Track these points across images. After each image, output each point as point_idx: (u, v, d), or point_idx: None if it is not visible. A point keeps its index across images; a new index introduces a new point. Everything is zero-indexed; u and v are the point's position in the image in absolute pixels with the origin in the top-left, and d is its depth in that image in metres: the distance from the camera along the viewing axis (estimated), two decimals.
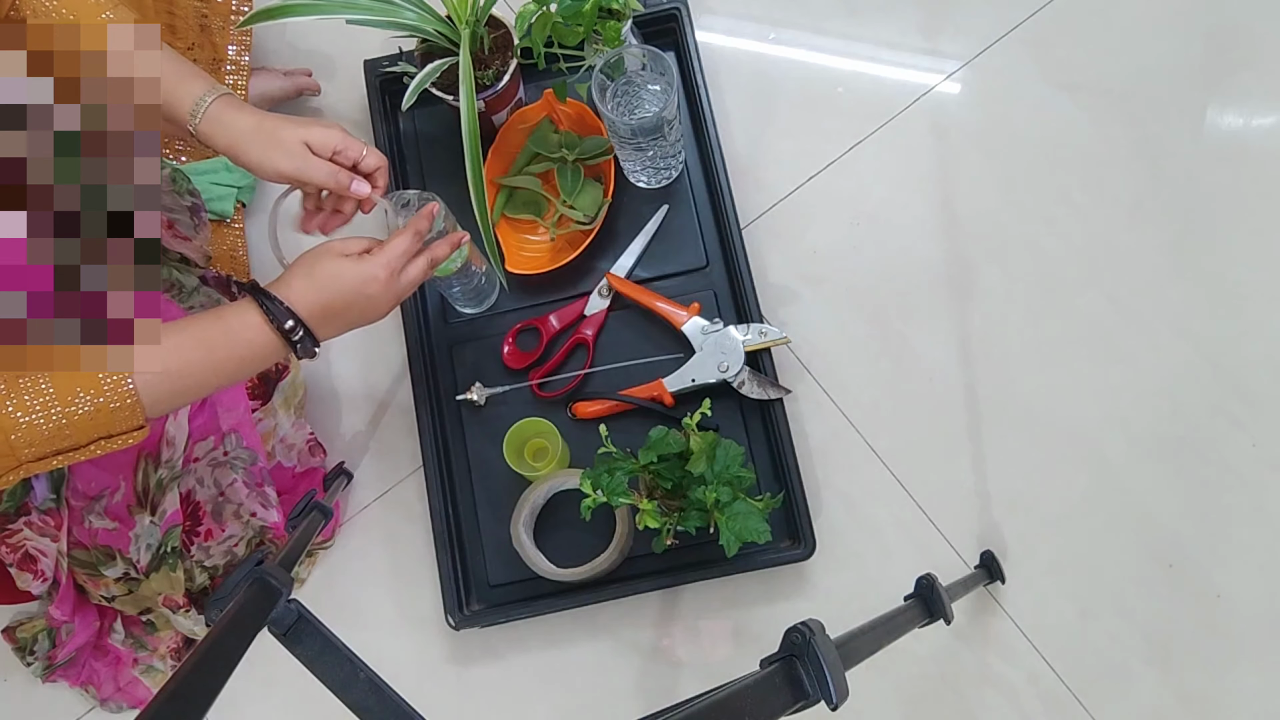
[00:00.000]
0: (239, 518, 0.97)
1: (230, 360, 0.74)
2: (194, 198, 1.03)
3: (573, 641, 1.02)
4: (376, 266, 0.79)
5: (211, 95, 0.81)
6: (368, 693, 0.59)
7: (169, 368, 0.70)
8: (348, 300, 0.78)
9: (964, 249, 1.08)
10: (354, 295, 0.78)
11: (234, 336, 0.73)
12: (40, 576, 0.89)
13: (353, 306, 0.78)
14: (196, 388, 0.73)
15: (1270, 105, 1.09)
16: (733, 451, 0.90)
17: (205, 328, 0.73)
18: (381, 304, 0.80)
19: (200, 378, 0.72)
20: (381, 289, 0.79)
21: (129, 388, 0.67)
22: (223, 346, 0.73)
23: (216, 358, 0.73)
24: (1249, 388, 1.01)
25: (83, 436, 0.67)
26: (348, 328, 0.80)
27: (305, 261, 0.78)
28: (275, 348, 0.75)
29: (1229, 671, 0.96)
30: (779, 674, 0.56)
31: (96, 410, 0.66)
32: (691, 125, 1.11)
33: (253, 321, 0.74)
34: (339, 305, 0.77)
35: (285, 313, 0.74)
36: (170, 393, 0.71)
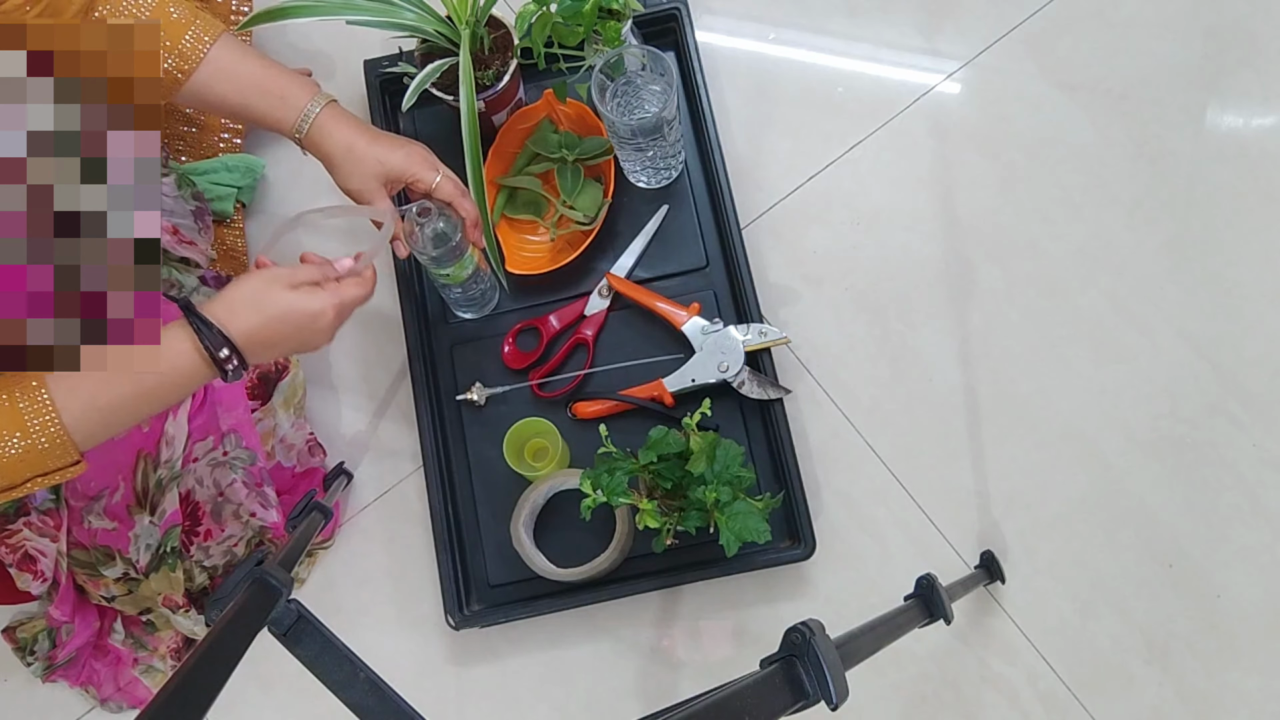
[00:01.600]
0: (238, 518, 0.97)
1: (160, 388, 0.71)
2: (199, 201, 1.03)
3: (573, 641, 1.02)
4: (327, 305, 0.76)
5: (316, 106, 0.85)
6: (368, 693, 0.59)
7: (98, 402, 0.68)
8: (288, 333, 0.75)
9: (964, 249, 1.08)
10: (297, 330, 0.75)
11: (167, 371, 0.71)
12: (40, 577, 0.89)
13: (292, 339, 0.76)
14: (128, 418, 0.71)
15: (1270, 105, 1.09)
16: (733, 451, 0.90)
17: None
18: (322, 340, 0.78)
19: (131, 408, 0.71)
20: (327, 325, 0.77)
21: (56, 428, 0.66)
22: (154, 382, 0.71)
23: (146, 386, 0.70)
24: (1249, 388, 1.01)
25: (15, 476, 0.66)
26: (278, 356, 0.79)
27: (252, 288, 0.74)
28: (204, 374, 0.72)
29: (1229, 671, 0.96)
30: (779, 674, 0.56)
31: (26, 450, 0.65)
32: (691, 125, 1.11)
33: (183, 349, 0.70)
34: (279, 337, 0.74)
35: (220, 340, 0.71)
36: (101, 425, 0.69)
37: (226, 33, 0.83)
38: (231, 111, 0.86)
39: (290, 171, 1.18)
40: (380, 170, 0.86)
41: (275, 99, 0.85)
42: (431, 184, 0.89)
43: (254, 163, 1.14)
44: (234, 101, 0.85)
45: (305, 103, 0.85)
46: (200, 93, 0.84)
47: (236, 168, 1.12)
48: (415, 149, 0.89)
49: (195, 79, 0.82)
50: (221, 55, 0.83)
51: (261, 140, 1.18)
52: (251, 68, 0.84)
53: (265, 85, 0.84)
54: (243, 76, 0.84)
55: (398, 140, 0.89)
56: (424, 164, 0.89)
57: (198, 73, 0.82)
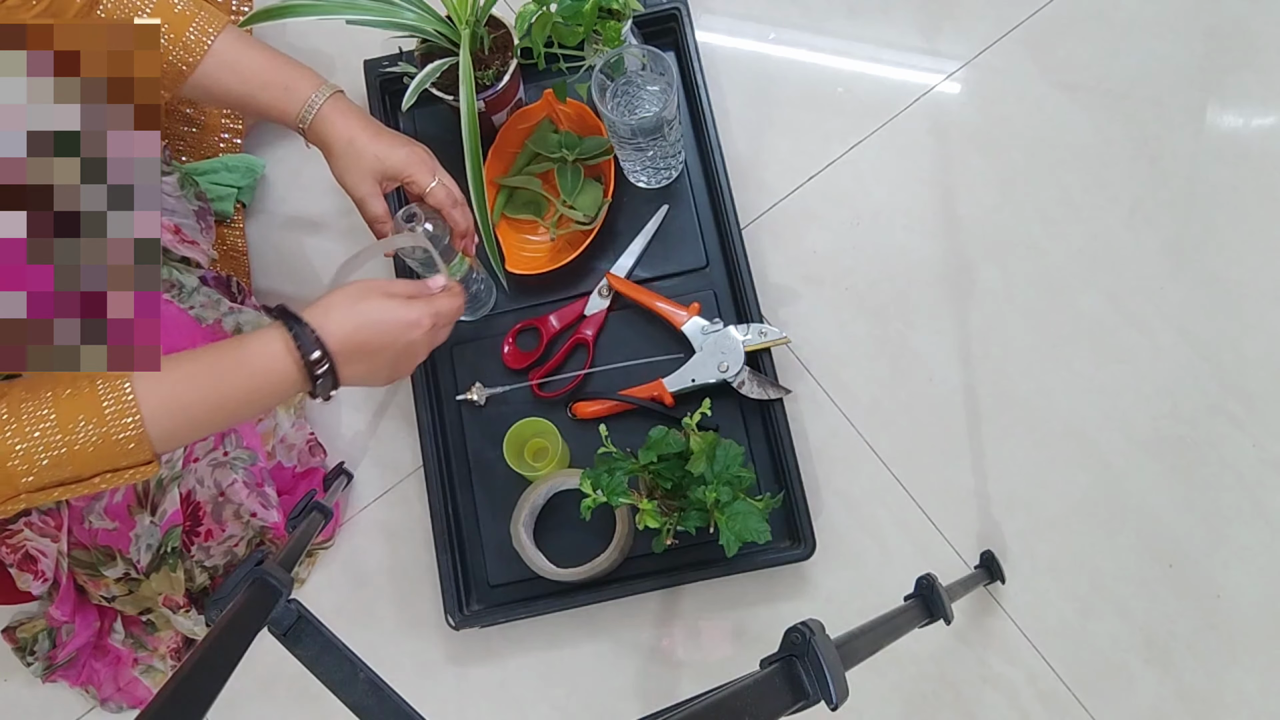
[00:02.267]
0: (239, 518, 0.97)
1: (246, 390, 0.68)
2: (201, 201, 1.03)
3: (573, 641, 1.02)
4: (423, 315, 0.74)
5: (321, 97, 0.85)
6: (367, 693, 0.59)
7: (181, 400, 0.66)
8: (384, 342, 0.72)
9: (964, 249, 1.08)
10: (392, 339, 0.73)
11: (252, 366, 0.68)
12: (40, 577, 0.89)
13: (387, 350, 0.73)
14: (210, 420, 0.68)
15: (1270, 105, 1.09)
16: (733, 451, 0.90)
17: (220, 355, 0.69)
18: (417, 355, 0.76)
19: (214, 409, 0.68)
20: (422, 338, 0.74)
21: (134, 419, 0.64)
22: (240, 378, 0.68)
23: (231, 387, 0.68)
24: (1249, 388, 1.01)
25: (85, 468, 0.64)
26: (372, 374, 0.74)
27: (350, 293, 0.72)
28: (293, 380, 0.69)
29: (1229, 671, 0.96)
30: (779, 674, 0.56)
31: (101, 440, 0.63)
32: (691, 125, 1.11)
33: (275, 350, 0.68)
34: (374, 345, 0.72)
35: (313, 342, 0.68)
36: (182, 425, 0.67)
37: (231, 24, 0.83)
38: (237, 103, 0.86)
39: (290, 171, 1.18)
40: (378, 167, 0.86)
41: (279, 90, 0.84)
42: (426, 188, 0.88)
43: (254, 163, 1.14)
44: (238, 93, 0.84)
45: (310, 93, 0.85)
46: (205, 85, 0.84)
47: (237, 168, 1.12)
48: (417, 150, 0.89)
49: (200, 71, 0.82)
50: (226, 47, 0.83)
51: (262, 140, 1.18)
52: (256, 59, 0.84)
53: (269, 76, 0.84)
54: (247, 68, 0.84)
55: (400, 139, 0.88)
56: (422, 166, 0.88)
57: (202, 65, 0.82)
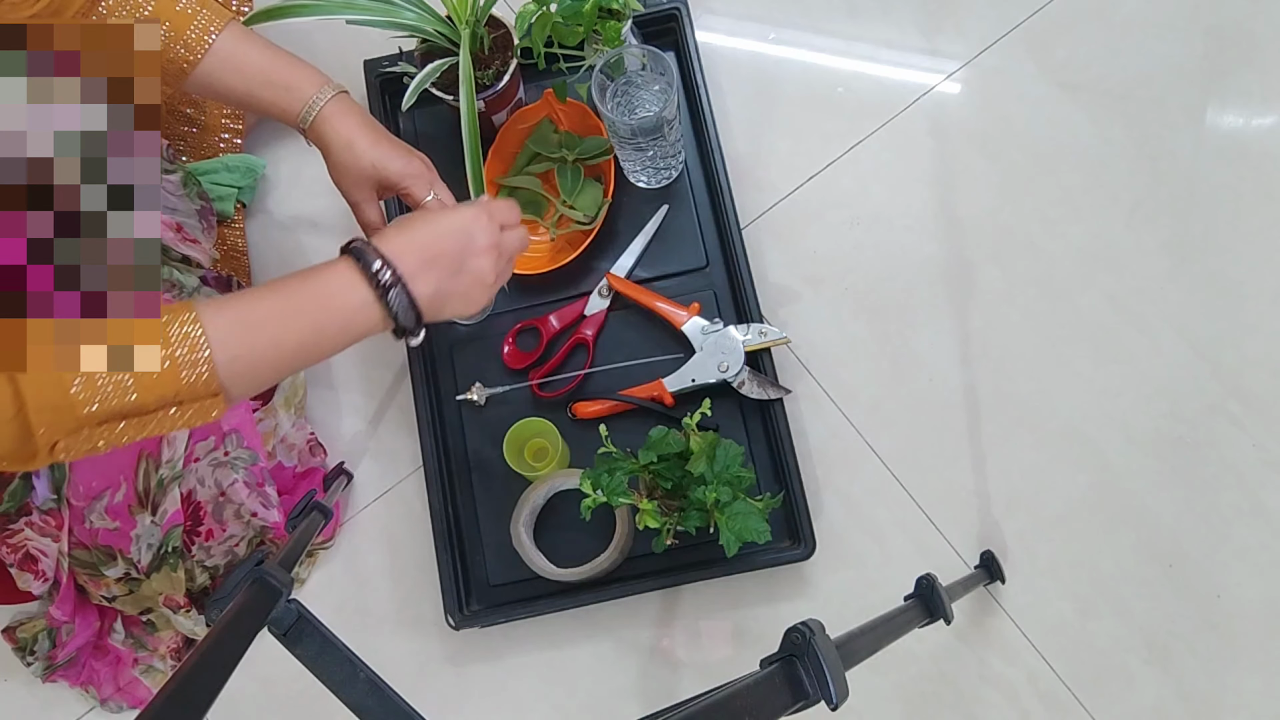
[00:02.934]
0: (240, 518, 0.97)
1: (314, 311, 0.65)
2: (204, 200, 1.03)
3: (573, 641, 1.02)
4: (478, 211, 0.72)
5: (323, 97, 0.84)
6: (367, 693, 0.59)
7: (247, 318, 0.62)
8: (446, 246, 0.69)
9: (964, 249, 1.08)
10: (455, 241, 0.70)
11: (319, 292, 0.65)
12: (41, 576, 0.89)
13: (452, 254, 0.70)
14: (277, 355, 0.63)
15: (1270, 105, 1.09)
16: (733, 451, 0.90)
17: (289, 284, 0.65)
18: (484, 250, 0.72)
19: (282, 340, 0.63)
20: (483, 230, 0.71)
21: (198, 337, 0.59)
22: (308, 304, 0.65)
23: (297, 315, 0.64)
24: (1249, 388, 1.01)
25: (149, 397, 0.58)
26: (449, 289, 0.70)
27: (401, 219, 0.72)
28: (366, 303, 0.66)
29: (1229, 671, 0.96)
30: (779, 674, 0.56)
31: (164, 368, 0.58)
32: (691, 125, 1.11)
33: (341, 274, 0.66)
34: (436, 250, 0.69)
35: (375, 255, 0.66)
36: (248, 348, 0.61)
37: (234, 21, 0.83)
38: (238, 100, 0.85)
39: (291, 171, 1.18)
40: (374, 175, 0.85)
41: (281, 89, 0.84)
42: (421, 200, 0.87)
43: (254, 163, 1.14)
44: (240, 91, 0.84)
45: (312, 93, 0.84)
46: (207, 82, 0.83)
47: (237, 168, 1.12)
48: (415, 161, 0.88)
49: (201, 69, 0.82)
50: (228, 45, 0.82)
51: (262, 140, 1.18)
52: (258, 57, 0.84)
53: (271, 75, 0.84)
54: (249, 66, 0.83)
55: (400, 148, 0.87)
56: (419, 179, 0.87)
57: (204, 62, 0.82)
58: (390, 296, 0.66)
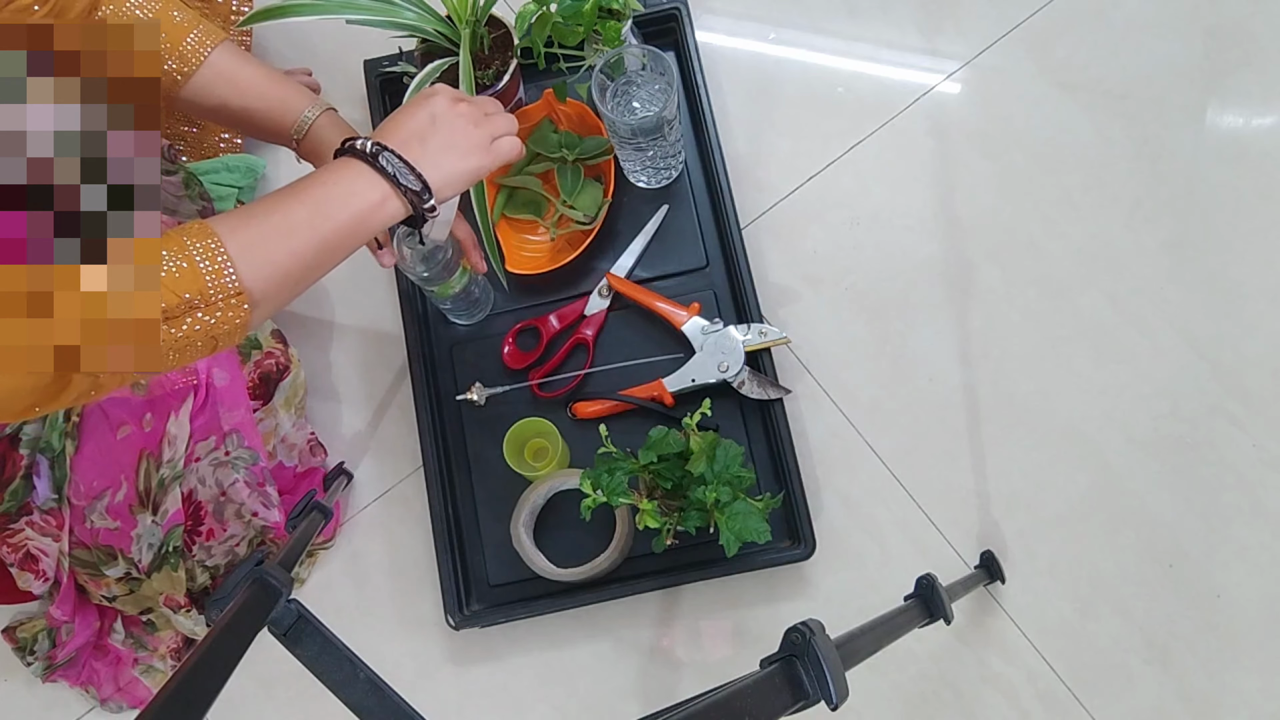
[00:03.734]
0: (240, 517, 0.97)
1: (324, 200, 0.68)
2: (205, 201, 1.03)
3: (573, 641, 1.02)
4: (442, 93, 0.74)
5: (315, 112, 0.84)
6: (367, 693, 0.59)
7: (254, 208, 0.65)
8: (419, 122, 0.72)
9: (964, 249, 1.08)
10: (425, 117, 0.72)
11: (317, 181, 0.68)
12: (41, 576, 0.89)
13: (430, 129, 0.72)
14: (290, 246, 0.66)
15: (1270, 105, 1.09)
16: (733, 451, 0.90)
17: (294, 185, 0.69)
18: (461, 122, 0.73)
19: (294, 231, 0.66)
20: (443, 98, 0.73)
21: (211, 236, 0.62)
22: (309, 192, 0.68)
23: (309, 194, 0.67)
24: (1249, 388, 1.01)
25: (172, 297, 0.60)
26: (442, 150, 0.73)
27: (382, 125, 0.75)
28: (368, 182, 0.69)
29: (1229, 671, 0.96)
30: (779, 674, 0.56)
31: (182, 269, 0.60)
32: (691, 125, 1.11)
33: (338, 162, 0.70)
34: (421, 122, 0.72)
35: (362, 139, 0.70)
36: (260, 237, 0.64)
37: (229, 40, 0.84)
38: (230, 116, 0.86)
39: (291, 172, 1.18)
40: None
41: (275, 101, 0.85)
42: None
43: (255, 163, 1.14)
44: (234, 105, 0.85)
45: (304, 108, 0.85)
46: (199, 97, 0.84)
47: (237, 168, 1.12)
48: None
49: (194, 81, 0.82)
50: (222, 60, 0.83)
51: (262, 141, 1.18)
52: (252, 73, 0.84)
53: (265, 89, 0.85)
54: (243, 81, 0.84)
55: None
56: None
57: (198, 75, 0.82)
58: (383, 160, 0.69)
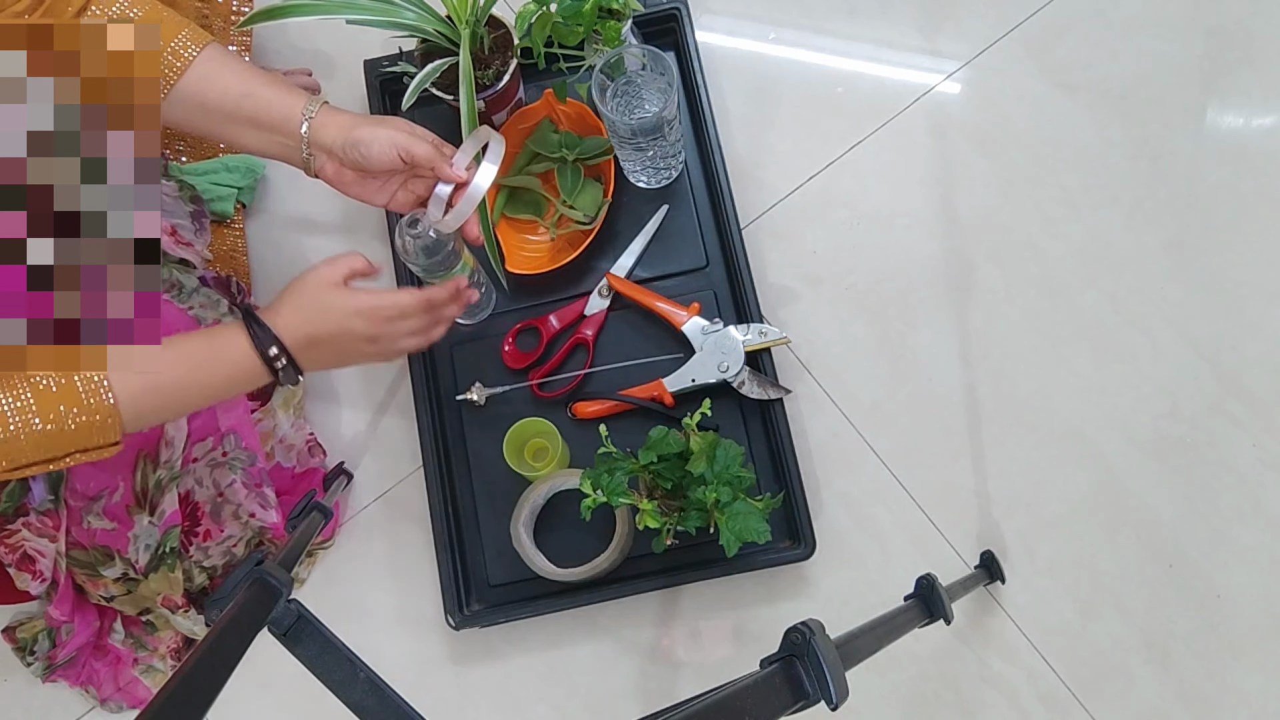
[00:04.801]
0: (238, 518, 0.97)
1: (214, 379, 0.74)
2: (196, 204, 1.03)
3: (573, 641, 1.02)
4: (359, 304, 0.78)
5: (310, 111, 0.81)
6: (367, 693, 0.59)
7: (154, 383, 0.70)
8: (332, 330, 0.77)
9: (964, 249, 1.08)
10: (337, 327, 0.77)
11: (220, 357, 0.74)
12: (39, 577, 0.89)
13: (337, 338, 0.77)
14: (178, 405, 0.74)
15: (1270, 105, 1.09)
16: (733, 451, 0.90)
17: (194, 346, 0.74)
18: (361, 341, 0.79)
19: (183, 395, 0.73)
20: (363, 327, 0.78)
21: (109, 403, 0.67)
22: (208, 366, 0.74)
23: (200, 377, 0.73)
24: (1249, 388, 1.01)
25: (60, 449, 0.67)
26: (330, 359, 0.79)
27: (294, 288, 0.78)
28: (258, 372, 0.75)
29: (1229, 671, 0.96)
30: (779, 674, 0.56)
31: (79, 426, 0.66)
32: (691, 125, 1.11)
33: (239, 343, 0.74)
34: (324, 336, 0.77)
35: (270, 339, 0.74)
36: (152, 408, 0.71)
37: (214, 42, 0.81)
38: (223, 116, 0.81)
39: (291, 172, 1.17)
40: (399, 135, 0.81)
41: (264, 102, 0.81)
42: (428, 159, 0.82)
43: (254, 163, 1.14)
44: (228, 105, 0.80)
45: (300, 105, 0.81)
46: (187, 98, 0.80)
47: (237, 168, 1.12)
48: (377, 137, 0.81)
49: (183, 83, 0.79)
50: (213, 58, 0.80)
51: None
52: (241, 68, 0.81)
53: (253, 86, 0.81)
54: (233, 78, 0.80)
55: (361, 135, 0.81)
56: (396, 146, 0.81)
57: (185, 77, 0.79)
58: (280, 372, 0.76)
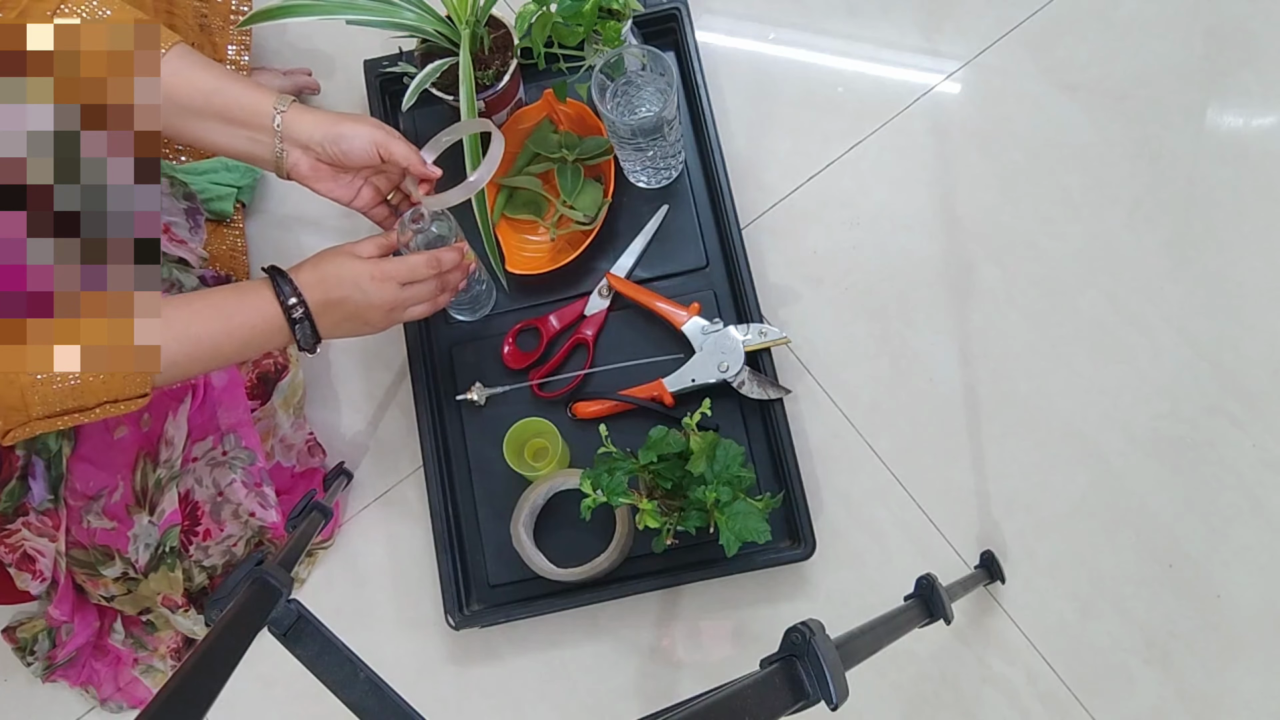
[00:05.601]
0: (237, 518, 0.97)
1: (239, 329, 0.76)
2: (190, 201, 1.03)
3: (573, 641, 1.02)
4: (374, 266, 0.82)
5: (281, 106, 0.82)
6: (368, 693, 0.59)
7: (184, 332, 0.72)
8: (345, 292, 0.81)
9: (964, 249, 1.08)
10: (351, 288, 0.81)
11: (245, 306, 0.77)
12: (39, 576, 0.89)
13: (349, 301, 0.81)
14: (205, 356, 0.75)
15: (1270, 105, 1.09)
16: (733, 451, 0.90)
17: (222, 297, 0.77)
18: (375, 304, 0.82)
19: (210, 345, 0.74)
20: (375, 288, 0.82)
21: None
22: (234, 315, 0.76)
23: (226, 325, 0.75)
24: (1249, 388, 1.01)
25: (91, 399, 0.68)
26: (345, 323, 0.83)
27: (318, 254, 0.83)
28: (279, 327, 0.78)
29: (1229, 671, 0.96)
30: (779, 674, 0.56)
31: (109, 374, 0.67)
32: (691, 125, 1.11)
33: (265, 296, 0.78)
34: (336, 296, 0.80)
35: (292, 291, 0.78)
36: (180, 358, 0.73)
37: (181, 43, 0.79)
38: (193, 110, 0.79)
39: None
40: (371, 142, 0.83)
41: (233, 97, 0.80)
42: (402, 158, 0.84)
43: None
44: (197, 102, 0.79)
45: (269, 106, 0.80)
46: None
47: (236, 167, 1.12)
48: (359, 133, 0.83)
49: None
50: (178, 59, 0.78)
51: None
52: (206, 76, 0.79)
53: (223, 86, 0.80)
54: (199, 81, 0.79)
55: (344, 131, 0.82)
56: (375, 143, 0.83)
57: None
58: (296, 325, 0.79)
